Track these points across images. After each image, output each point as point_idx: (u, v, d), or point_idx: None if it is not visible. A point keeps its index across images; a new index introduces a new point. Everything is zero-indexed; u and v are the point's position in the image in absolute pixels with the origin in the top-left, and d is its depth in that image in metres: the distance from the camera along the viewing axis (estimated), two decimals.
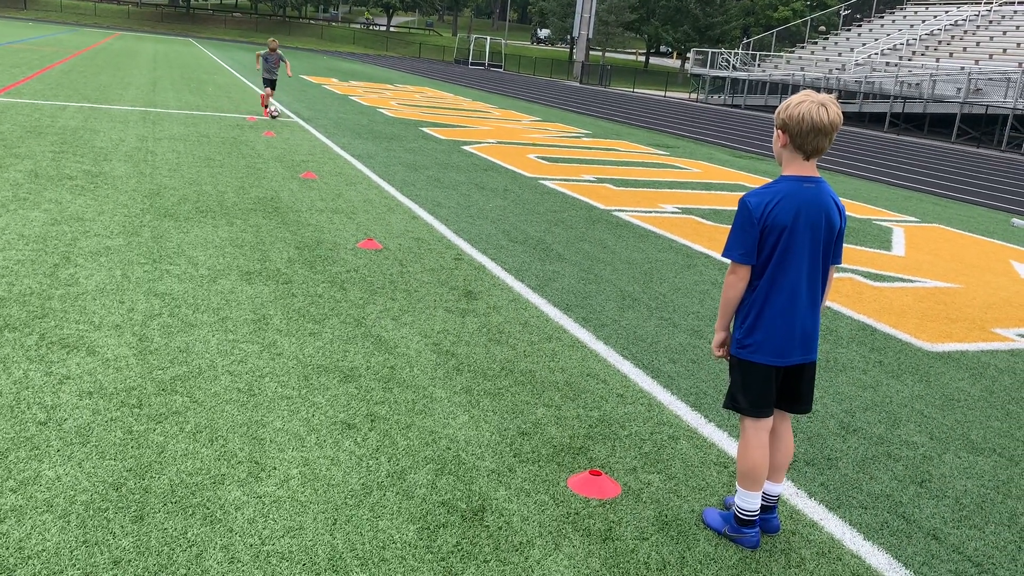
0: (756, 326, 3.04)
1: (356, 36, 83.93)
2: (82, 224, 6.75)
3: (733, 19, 65.65)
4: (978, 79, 30.69)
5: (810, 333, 3.09)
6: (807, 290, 3.04)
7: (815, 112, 2.89)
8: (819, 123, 2.89)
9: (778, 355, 3.05)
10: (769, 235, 2.97)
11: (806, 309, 3.06)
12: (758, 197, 2.98)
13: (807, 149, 2.95)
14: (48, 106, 14.03)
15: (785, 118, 2.95)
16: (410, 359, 4.64)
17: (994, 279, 8.17)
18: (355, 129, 15.19)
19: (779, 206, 2.95)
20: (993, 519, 3.56)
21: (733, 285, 3.05)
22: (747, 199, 3.00)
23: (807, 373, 3.16)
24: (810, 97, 2.93)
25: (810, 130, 2.90)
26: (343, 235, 7.26)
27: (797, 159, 3.00)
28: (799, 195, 2.96)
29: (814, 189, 2.99)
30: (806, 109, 2.90)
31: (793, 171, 3.01)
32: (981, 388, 5.12)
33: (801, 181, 2.99)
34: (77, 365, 4.13)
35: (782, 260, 2.98)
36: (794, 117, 2.92)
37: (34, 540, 2.78)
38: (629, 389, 4.54)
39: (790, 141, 2.97)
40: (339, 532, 3.00)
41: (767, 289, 3.02)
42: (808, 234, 2.98)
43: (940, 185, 16.26)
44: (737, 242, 3.00)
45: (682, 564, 3.03)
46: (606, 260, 7.34)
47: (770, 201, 2.95)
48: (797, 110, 2.92)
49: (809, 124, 2.90)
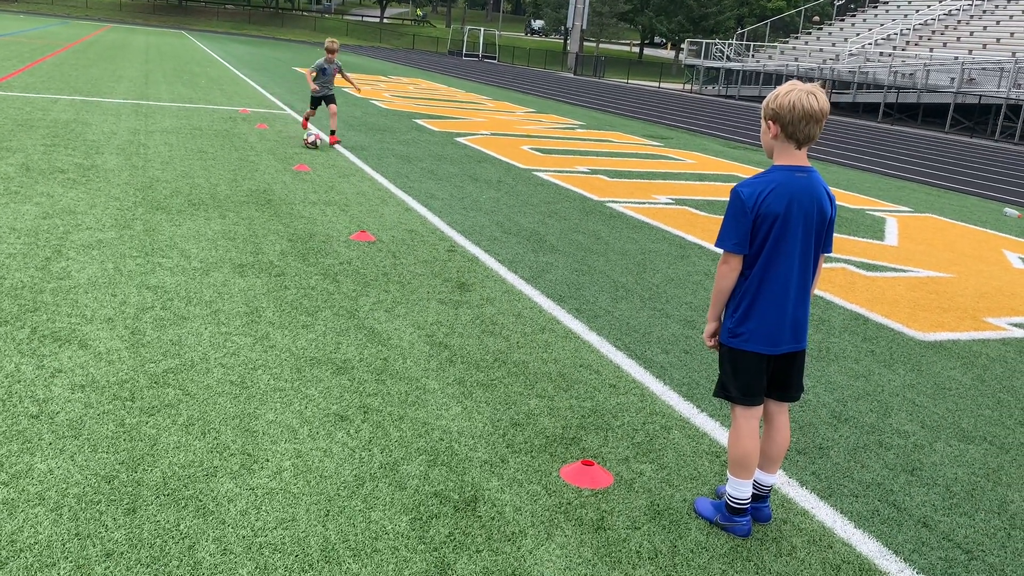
0: (748, 315, 3.05)
1: (349, 28, 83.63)
2: (74, 217, 6.73)
3: (727, 9, 65.56)
4: (971, 69, 30.71)
5: (801, 322, 3.10)
6: (798, 279, 3.05)
7: (805, 100, 2.91)
8: (810, 110, 2.91)
9: (770, 344, 3.06)
10: (762, 224, 2.97)
11: (797, 298, 3.07)
12: (750, 187, 2.99)
13: (799, 137, 2.96)
14: (39, 99, 13.97)
15: (776, 108, 2.96)
16: (403, 351, 4.64)
17: (986, 268, 8.19)
18: (348, 121, 15.15)
19: (772, 195, 2.96)
20: (983, 506, 3.58)
21: (726, 275, 3.05)
22: (739, 189, 3.00)
23: (798, 361, 3.17)
24: (797, 86, 2.95)
25: (802, 117, 2.91)
26: (336, 227, 7.25)
27: (789, 149, 3.00)
28: (791, 185, 2.97)
29: (806, 179, 3.00)
30: (796, 97, 2.92)
31: (785, 161, 3.01)
32: (972, 377, 5.14)
33: (793, 171, 3.00)
34: (69, 358, 4.12)
35: (774, 249, 2.99)
36: (785, 106, 2.93)
37: (26, 533, 2.78)
38: (622, 380, 4.55)
39: (782, 131, 2.97)
40: (332, 523, 3.01)
41: (759, 278, 3.02)
42: (800, 223, 2.99)
43: (933, 175, 16.29)
44: (730, 232, 3.00)
45: (674, 553, 3.04)
46: (599, 251, 7.35)
47: (763, 191, 2.96)
48: (787, 99, 2.93)
49: (800, 111, 2.91)
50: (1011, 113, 28.52)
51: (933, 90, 31.49)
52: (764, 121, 3.03)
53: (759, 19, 62.14)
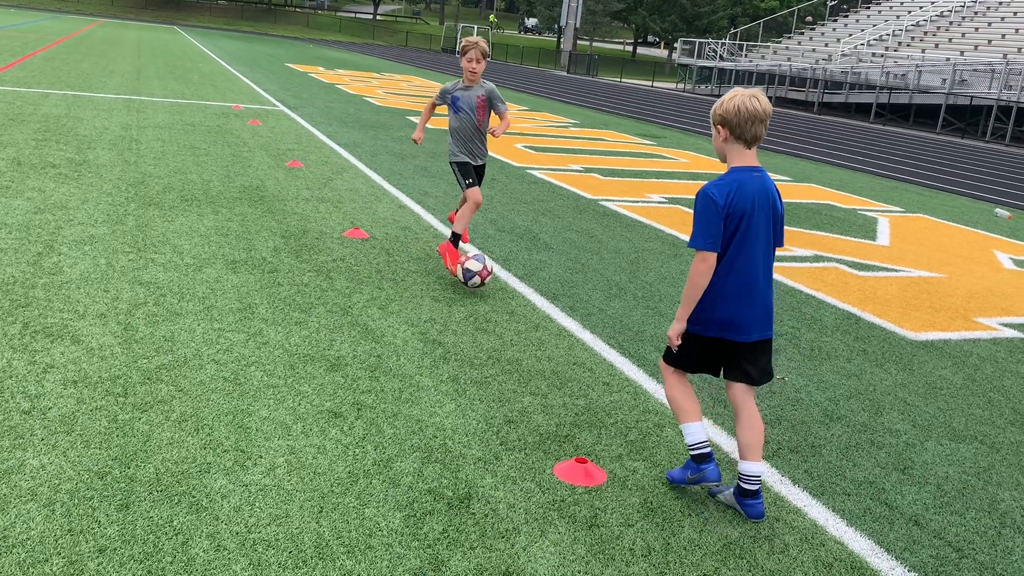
0: (714, 306, 3.23)
1: (342, 24, 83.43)
2: (66, 212, 6.70)
3: (720, 9, 65.63)
4: (963, 70, 30.83)
5: (769, 309, 3.31)
6: (763, 270, 3.27)
7: (748, 102, 3.16)
8: (754, 111, 3.15)
9: (742, 333, 3.24)
10: (731, 222, 3.18)
11: (764, 288, 3.28)
12: (719, 188, 3.19)
13: (747, 137, 3.19)
14: (30, 94, 13.90)
15: (722, 113, 3.20)
16: (396, 348, 4.64)
17: (977, 268, 8.23)
18: (341, 118, 15.12)
19: (738, 194, 3.17)
20: (974, 505, 3.61)
21: (704, 273, 3.20)
22: (710, 190, 3.21)
23: (768, 347, 3.36)
24: (740, 91, 3.22)
25: (748, 118, 3.15)
26: (329, 224, 7.24)
27: (739, 150, 3.23)
28: (751, 184, 3.21)
29: (760, 178, 3.24)
30: (739, 101, 3.17)
31: (739, 162, 3.24)
32: (963, 376, 5.17)
33: (750, 171, 3.23)
34: (61, 354, 4.10)
35: (742, 244, 3.19)
36: (731, 110, 3.17)
37: (18, 529, 2.77)
38: (615, 378, 4.56)
39: (731, 133, 3.21)
40: (325, 520, 3.01)
41: (726, 272, 3.21)
42: (762, 219, 3.22)
43: (925, 175, 16.36)
44: (704, 232, 3.19)
45: (667, 550, 3.05)
46: (593, 249, 7.35)
47: (731, 191, 3.18)
48: (732, 103, 3.18)
49: (746, 113, 3.15)
50: (1002, 114, 28.64)
51: (925, 91, 31.61)
52: (714, 127, 3.27)
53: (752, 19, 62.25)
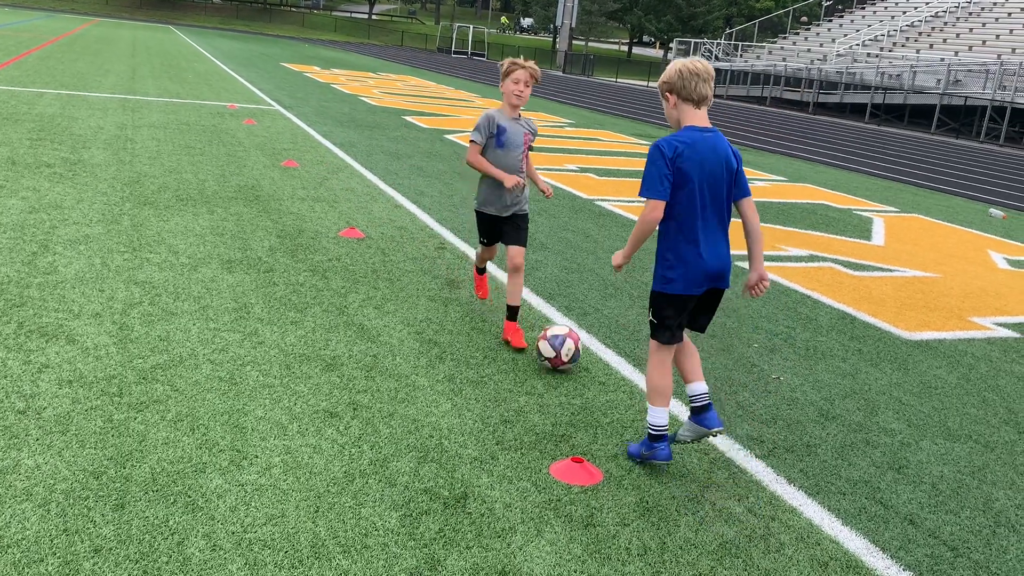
0: (675, 264, 3.40)
1: (338, 24, 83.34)
2: (61, 212, 6.69)
3: (716, 9, 65.75)
4: (958, 70, 30.91)
5: (725, 263, 3.46)
6: (716, 225, 3.41)
7: (688, 64, 3.38)
8: (694, 69, 3.34)
9: (695, 286, 3.42)
10: (679, 178, 3.33)
11: (719, 243, 3.42)
12: (668, 142, 3.35)
13: (695, 97, 3.37)
14: (25, 93, 13.86)
15: (666, 79, 3.42)
16: (392, 347, 4.64)
17: (972, 268, 8.26)
18: (337, 117, 15.11)
19: (687, 151, 3.32)
20: (968, 504, 3.62)
21: (651, 220, 3.36)
22: (659, 143, 3.35)
23: (717, 298, 3.55)
24: (678, 60, 3.43)
25: (690, 77, 3.34)
26: (325, 224, 7.24)
27: (690, 111, 3.40)
28: (701, 143, 3.35)
29: (712, 138, 3.39)
30: (679, 64, 3.39)
31: (691, 122, 3.39)
32: (958, 376, 5.19)
33: (702, 131, 3.38)
34: (56, 354, 4.10)
35: (690, 201, 3.34)
36: (673, 74, 3.39)
37: (13, 529, 2.77)
38: (611, 377, 4.57)
39: (678, 97, 3.39)
40: (321, 519, 3.00)
41: (679, 229, 3.38)
42: (709, 176, 3.36)
43: (919, 176, 16.40)
44: (653, 181, 3.33)
45: (663, 550, 3.06)
46: (589, 249, 7.36)
47: (679, 146, 3.32)
48: (673, 68, 3.41)
49: (687, 73, 3.35)
50: (996, 115, 28.72)
51: (919, 91, 31.69)
52: (662, 96, 3.46)
53: (747, 19, 62.29)
